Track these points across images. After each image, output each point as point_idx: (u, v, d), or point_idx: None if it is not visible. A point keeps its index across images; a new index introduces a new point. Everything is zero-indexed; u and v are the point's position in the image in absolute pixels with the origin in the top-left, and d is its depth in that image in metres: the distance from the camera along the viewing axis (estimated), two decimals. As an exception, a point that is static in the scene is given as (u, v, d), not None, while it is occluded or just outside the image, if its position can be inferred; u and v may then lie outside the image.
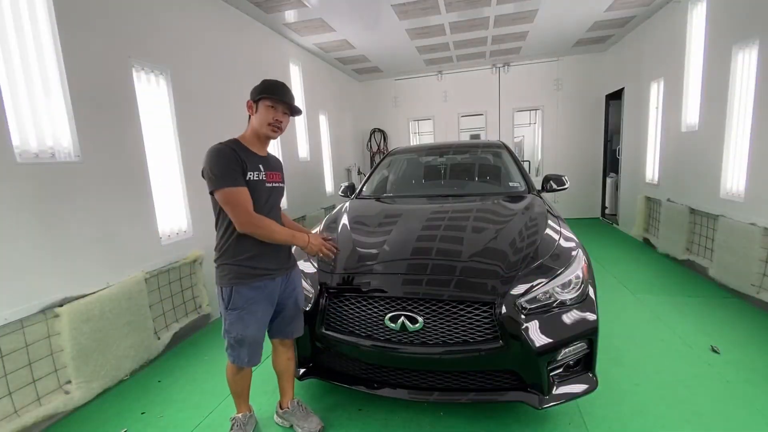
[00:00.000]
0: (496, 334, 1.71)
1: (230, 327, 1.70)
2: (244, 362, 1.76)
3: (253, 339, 1.73)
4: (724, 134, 3.55)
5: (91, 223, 2.43)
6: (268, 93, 1.65)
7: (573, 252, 1.99)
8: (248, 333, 1.71)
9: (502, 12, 4.75)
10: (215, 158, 1.60)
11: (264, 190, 1.71)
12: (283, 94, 1.68)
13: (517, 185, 3.13)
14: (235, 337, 1.71)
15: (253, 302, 1.70)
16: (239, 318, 1.68)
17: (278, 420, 2.07)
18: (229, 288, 1.67)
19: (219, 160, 1.59)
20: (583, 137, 7.28)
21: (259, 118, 1.68)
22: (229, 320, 1.70)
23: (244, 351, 1.74)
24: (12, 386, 2.01)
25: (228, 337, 1.73)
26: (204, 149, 1.70)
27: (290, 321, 1.88)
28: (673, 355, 2.52)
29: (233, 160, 1.60)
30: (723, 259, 3.53)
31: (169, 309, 3.06)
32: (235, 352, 1.75)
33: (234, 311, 1.68)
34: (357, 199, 3.25)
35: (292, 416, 2.00)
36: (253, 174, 1.66)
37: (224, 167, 1.58)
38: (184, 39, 3.29)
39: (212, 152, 1.62)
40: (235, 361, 1.77)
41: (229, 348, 1.76)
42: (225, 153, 1.61)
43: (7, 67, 2.00)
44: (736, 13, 3.39)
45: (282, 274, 1.80)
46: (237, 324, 1.69)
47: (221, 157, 1.60)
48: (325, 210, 5.98)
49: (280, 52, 5.02)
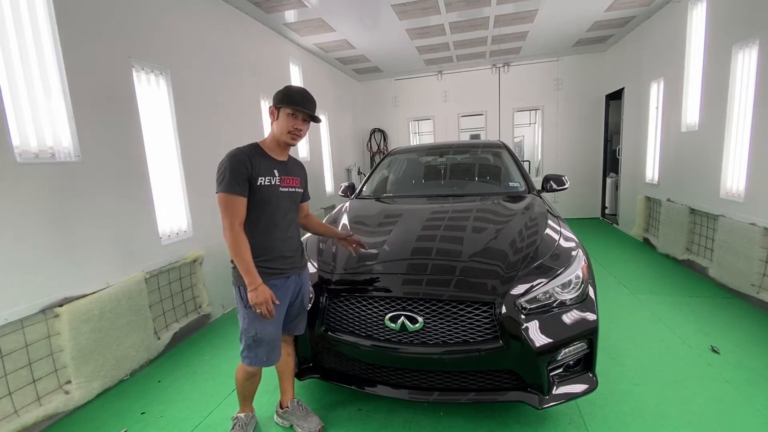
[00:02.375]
0: (496, 334, 1.71)
1: (249, 326, 1.71)
2: (263, 362, 1.76)
3: (270, 337, 1.74)
4: (724, 134, 3.55)
5: (91, 223, 2.43)
6: (290, 102, 1.67)
7: (573, 252, 1.99)
8: (267, 331, 1.72)
9: (502, 12, 4.75)
10: (226, 162, 1.63)
11: (278, 195, 1.73)
12: (304, 104, 1.69)
13: (517, 185, 3.13)
14: (254, 336, 1.71)
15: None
16: (257, 316, 1.69)
17: (278, 420, 2.07)
18: (245, 286, 1.67)
19: (228, 165, 1.62)
20: (583, 137, 7.28)
21: (280, 125, 1.70)
22: (247, 319, 1.70)
23: (262, 350, 1.74)
24: (12, 386, 2.01)
25: (246, 337, 1.73)
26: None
27: (294, 318, 1.90)
28: (673, 355, 2.52)
29: (241, 166, 1.63)
30: (723, 259, 3.53)
31: (169, 309, 3.06)
32: (252, 352, 1.74)
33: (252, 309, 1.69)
34: (357, 199, 3.25)
35: (292, 416, 2.00)
36: (265, 179, 1.68)
37: (229, 172, 1.61)
38: (184, 39, 3.29)
39: (227, 156, 1.66)
40: (253, 363, 1.75)
41: (246, 349, 1.75)
42: (236, 158, 1.64)
43: (7, 67, 2.00)
44: (736, 13, 3.39)
45: (294, 273, 1.82)
46: (255, 322, 1.70)
47: (231, 161, 1.63)
48: (325, 210, 5.98)
49: (280, 52, 5.02)
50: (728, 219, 3.44)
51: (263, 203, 1.69)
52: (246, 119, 4.13)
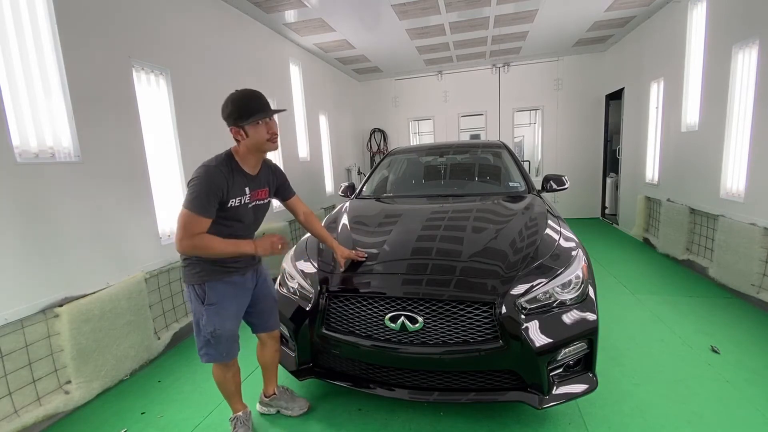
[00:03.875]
0: (496, 334, 1.71)
1: (207, 323, 1.69)
2: (222, 357, 1.76)
3: (230, 333, 1.75)
4: (724, 134, 3.55)
5: (91, 223, 2.43)
6: (254, 113, 1.58)
7: (573, 252, 1.99)
8: (226, 327, 1.72)
9: (502, 12, 4.75)
10: (203, 179, 1.54)
11: (245, 211, 1.72)
12: (266, 107, 1.63)
13: (517, 185, 3.13)
14: (212, 333, 1.70)
15: (227, 297, 1.72)
16: (216, 313, 1.69)
17: (263, 409, 2.10)
18: (201, 285, 1.68)
19: (203, 184, 1.53)
20: (583, 137, 7.28)
21: (255, 138, 1.62)
22: (206, 316, 1.69)
23: (221, 346, 1.74)
24: (12, 386, 2.01)
25: (204, 334, 1.71)
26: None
27: (270, 314, 1.94)
28: (673, 355, 2.52)
29: (218, 190, 1.56)
30: (723, 259, 3.53)
31: (169, 309, 3.06)
32: (211, 349, 1.74)
33: (211, 306, 1.68)
34: (357, 199, 3.25)
35: (279, 400, 2.05)
36: (235, 200, 1.64)
37: (204, 193, 1.53)
38: (185, 39, 3.29)
39: (202, 172, 1.56)
40: (212, 359, 1.76)
41: (205, 346, 1.73)
42: (214, 180, 1.55)
43: (7, 67, 2.00)
44: (736, 13, 3.39)
45: (251, 269, 1.83)
46: (214, 318, 1.69)
47: (208, 181, 1.54)
48: (325, 210, 5.98)
49: (280, 52, 5.02)
50: (728, 219, 3.44)
51: (228, 220, 1.66)
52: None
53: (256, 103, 1.61)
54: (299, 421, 2.05)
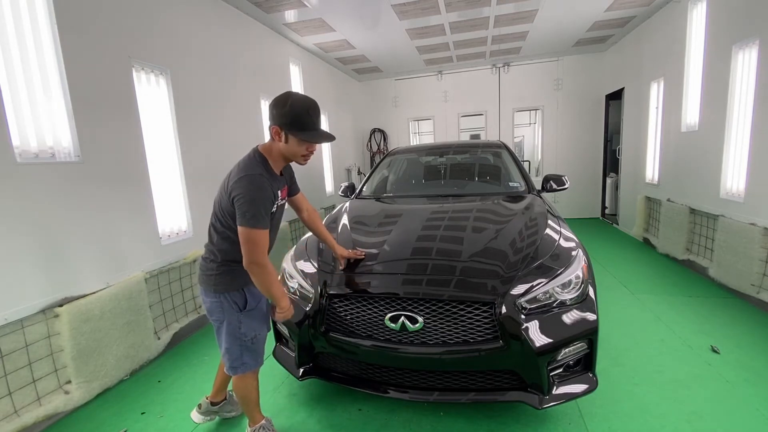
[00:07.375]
0: (496, 334, 1.71)
1: (248, 329, 1.68)
2: (257, 363, 1.77)
3: (264, 335, 1.79)
4: (724, 134, 3.55)
5: (91, 223, 2.43)
6: (308, 132, 1.51)
7: (573, 252, 1.99)
8: (264, 329, 1.76)
9: (502, 12, 4.75)
10: (254, 193, 1.48)
11: (277, 212, 1.71)
12: (319, 131, 1.55)
13: (517, 185, 3.13)
14: (253, 338, 1.71)
15: (260, 300, 1.76)
16: (254, 317, 1.70)
17: (201, 418, 1.98)
18: (240, 290, 1.67)
19: (256, 197, 1.48)
20: (583, 137, 7.28)
21: (293, 149, 1.55)
22: (245, 323, 1.68)
23: (260, 348, 1.77)
24: (12, 386, 2.01)
25: (245, 341, 1.68)
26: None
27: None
28: (673, 355, 2.52)
29: (268, 202, 1.53)
30: (723, 259, 3.53)
31: (169, 309, 3.06)
32: (250, 356, 1.71)
33: (251, 311, 1.70)
34: (357, 199, 3.25)
35: (228, 404, 2.06)
36: (274, 206, 1.63)
37: (261, 206, 1.49)
38: (185, 39, 3.29)
39: (252, 184, 1.49)
40: (254, 366, 1.74)
41: (244, 354, 1.69)
42: (264, 191, 1.50)
43: (7, 67, 2.00)
44: (736, 13, 3.39)
45: None
46: (253, 323, 1.71)
47: (259, 193, 1.49)
48: (325, 210, 5.97)
49: (280, 52, 5.02)
50: (728, 219, 3.44)
51: None
52: (246, 119, 4.13)
53: (314, 120, 1.53)
54: (299, 421, 2.05)
